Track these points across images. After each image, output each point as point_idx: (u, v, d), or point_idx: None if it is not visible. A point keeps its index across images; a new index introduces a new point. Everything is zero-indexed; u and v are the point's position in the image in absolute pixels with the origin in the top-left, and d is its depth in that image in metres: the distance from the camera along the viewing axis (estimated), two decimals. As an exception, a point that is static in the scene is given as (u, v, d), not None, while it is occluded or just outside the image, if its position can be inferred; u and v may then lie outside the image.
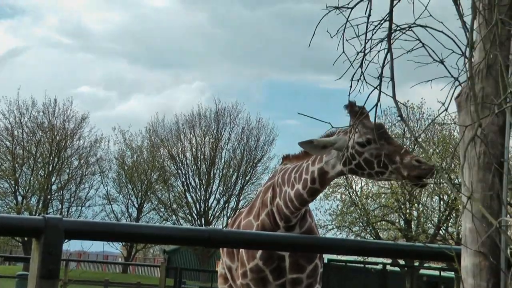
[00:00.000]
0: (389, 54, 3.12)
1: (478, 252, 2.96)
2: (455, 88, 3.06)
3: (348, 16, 3.22)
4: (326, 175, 4.77)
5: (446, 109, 3.05)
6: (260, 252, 5.02)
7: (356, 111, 4.39)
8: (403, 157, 4.32)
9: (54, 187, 43.97)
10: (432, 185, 31.77)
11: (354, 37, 3.22)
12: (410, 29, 3.06)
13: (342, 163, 4.59)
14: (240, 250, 5.19)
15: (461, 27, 2.99)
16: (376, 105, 4.37)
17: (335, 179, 6.26)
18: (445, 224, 32.27)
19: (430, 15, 3.09)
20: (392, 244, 4.09)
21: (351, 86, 3.27)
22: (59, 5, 73.73)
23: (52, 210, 42.97)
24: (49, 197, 43.29)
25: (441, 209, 32.40)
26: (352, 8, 3.24)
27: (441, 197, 32.21)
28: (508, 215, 2.95)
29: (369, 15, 3.15)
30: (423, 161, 4.33)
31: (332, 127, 4.96)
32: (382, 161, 4.37)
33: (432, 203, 33.23)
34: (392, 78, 3.11)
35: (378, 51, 3.15)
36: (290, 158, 5.32)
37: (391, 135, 4.96)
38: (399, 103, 3.18)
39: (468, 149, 2.98)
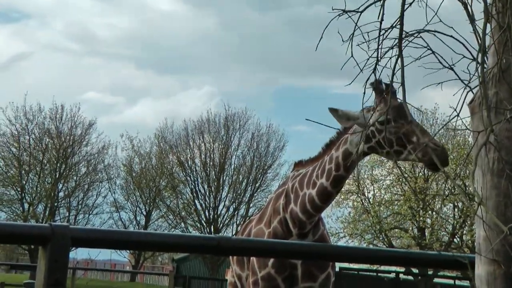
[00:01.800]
0: (399, 60, 3.12)
1: (492, 260, 2.96)
2: (467, 93, 3.07)
3: (357, 21, 3.23)
4: (350, 156, 4.80)
5: (458, 115, 3.05)
6: (272, 260, 5.02)
7: (381, 89, 4.47)
8: (420, 139, 4.38)
9: (61, 194, 44.08)
10: (446, 192, 31.69)
11: (363, 42, 3.23)
12: (419, 35, 3.06)
13: (364, 140, 4.68)
14: (251, 258, 5.20)
15: (472, 32, 2.99)
16: (388, 109, 4.39)
17: (348, 183, 6.23)
18: (459, 232, 32.14)
19: (440, 20, 3.09)
20: (404, 252, 4.08)
21: (364, 92, 3.28)
22: (65, 10, 74.10)
23: (59, 218, 43.07)
24: (56, 204, 43.39)
25: (456, 216, 32.28)
26: (361, 12, 3.24)
27: (456, 204, 32.09)
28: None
29: (382, 20, 3.16)
30: (440, 144, 4.38)
31: (338, 130, 5.01)
32: (400, 140, 4.44)
33: (446, 210, 33.13)
34: (402, 84, 3.12)
35: (390, 58, 3.15)
36: (303, 164, 5.33)
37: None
38: (411, 107, 3.19)
39: (481, 155, 2.98)
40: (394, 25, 3.14)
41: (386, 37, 3.17)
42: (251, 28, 72.23)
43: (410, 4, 3.17)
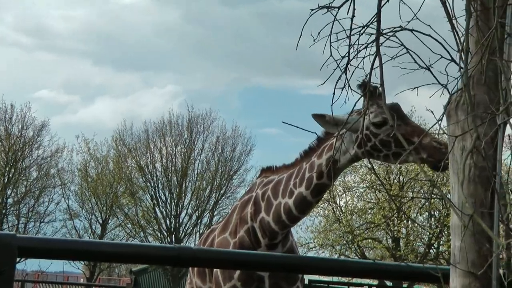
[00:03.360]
0: (377, 59, 3.12)
1: (468, 272, 2.98)
2: (445, 96, 3.09)
3: (335, 18, 3.22)
4: (336, 164, 4.79)
5: (440, 119, 3.07)
6: (238, 272, 5.02)
7: (370, 91, 4.48)
8: (422, 138, 4.41)
9: (9, 200, 43.59)
10: (422, 200, 31.98)
11: (338, 40, 3.23)
12: (394, 34, 3.07)
13: (357, 145, 4.67)
14: (215, 270, 5.18)
15: (450, 30, 3.01)
16: (364, 112, 4.41)
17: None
18: (436, 243, 32.43)
19: (417, 18, 3.11)
20: (375, 264, 4.09)
21: (334, 93, 3.28)
22: (16, 0, 73.09)
23: (7, 226, 42.55)
24: (4, 211, 42.86)
25: (432, 226, 32.56)
26: (339, 8, 3.24)
27: (432, 213, 32.39)
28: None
29: (353, 15, 3.16)
30: (443, 142, 4.43)
31: (318, 136, 4.99)
32: (399, 141, 4.46)
33: (422, 219, 33.41)
34: (382, 84, 3.12)
35: (363, 57, 3.15)
36: (273, 170, 5.31)
37: None
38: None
39: (457, 161, 3.00)
40: (370, 22, 3.15)
41: (362, 34, 3.17)
42: (218, 22, 72.14)
43: (388, 0, 3.17)
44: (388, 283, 30.16)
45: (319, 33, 3.21)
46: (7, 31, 74.61)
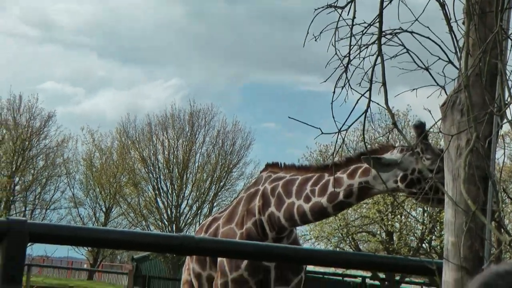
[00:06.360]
0: (379, 58, 3.12)
1: (460, 266, 2.99)
2: (442, 96, 3.10)
3: (340, 16, 3.22)
4: (370, 190, 4.79)
5: (440, 119, 3.08)
6: (245, 262, 5.03)
7: (423, 133, 4.51)
8: None
9: (17, 188, 43.60)
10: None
11: (339, 39, 3.23)
12: (395, 35, 3.08)
13: (405, 185, 4.66)
14: (220, 259, 5.19)
15: (448, 32, 3.02)
16: (366, 111, 4.42)
17: None
18: (428, 237, 32.45)
19: (416, 20, 3.11)
20: (370, 256, 4.11)
21: (334, 92, 3.28)
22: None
23: (15, 212, 42.57)
24: (11, 198, 42.89)
25: (425, 221, 32.58)
26: (343, 8, 3.24)
27: (425, 209, 32.39)
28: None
29: (354, 17, 3.17)
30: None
31: (322, 132, 5.00)
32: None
33: (415, 214, 33.43)
34: (384, 84, 3.12)
35: (363, 58, 3.15)
36: (280, 167, 5.30)
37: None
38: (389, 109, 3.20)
39: (452, 160, 3.01)
40: (373, 22, 3.15)
41: (364, 33, 3.17)
42: (219, 19, 72.08)
43: (390, 1, 3.17)
44: (381, 276, 30.21)
45: (321, 32, 3.22)
46: (14, 23, 74.52)
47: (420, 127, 4.60)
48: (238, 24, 72.95)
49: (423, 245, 32.30)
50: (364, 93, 2.95)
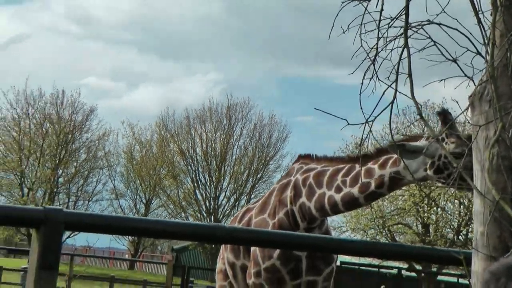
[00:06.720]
0: (405, 50, 3.11)
1: (489, 256, 2.97)
2: (471, 87, 3.08)
3: (365, 9, 3.22)
4: (401, 180, 4.78)
5: (465, 110, 3.06)
6: (277, 252, 5.06)
7: (449, 120, 4.49)
8: None
9: (60, 180, 44.25)
10: (451, 189, 31.65)
11: (366, 32, 3.23)
12: (422, 27, 3.06)
13: (433, 171, 4.63)
14: (253, 248, 5.23)
15: (476, 24, 3.00)
16: (392, 103, 4.40)
17: None
18: (464, 229, 32.13)
19: (444, 11, 3.09)
20: (399, 246, 4.09)
21: (362, 83, 3.28)
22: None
23: (58, 204, 43.21)
24: (55, 190, 43.55)
25: (461, 213, 32.26)
26: (369, 1, 3.23)
27: (461, 201, 32.07)
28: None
29: (382, 9, 3.16)
30: None
31: (348, 123, 4.98)
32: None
33: (451, 207, 33.12)
34: (410, 75, 3.11)
35: (391, 50, 3.14)
36: (312, 158, 5.31)
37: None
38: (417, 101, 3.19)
39: (480, 150, 2.99)
40: (399, 14, 3.14)
41: (391, 26, 3.16)
42: (257, 12, 71.98)
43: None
44: (417, 267, 30.00)
45: (349, 25, 3.22)
46: (58, 20, 75.48)
47: (442, 114, 4.57)
48: (275, 18, 72.81)
49: (460, 237, 32.01)
50: (391, 84, 2.94)
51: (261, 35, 73.68)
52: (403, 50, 3.10)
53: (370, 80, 3.13)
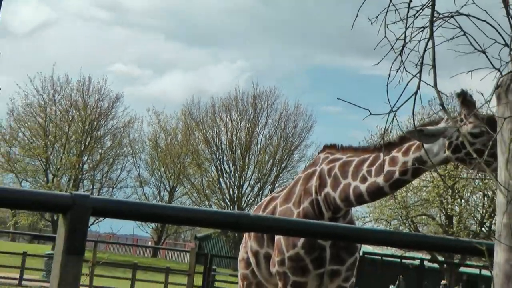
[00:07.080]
0: (430, 41, 3.11)
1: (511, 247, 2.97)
2: (498, 79, 3.06)
3: (390, 1, 3.21)
4: (424, 165, 4.79)
5: (488, 101, 3.05)
6: (301, 240, 5.08)
7: (468, 101, 4.48)
8: None
9: (85, 166, 44.60)
10: (476, 181, 31.44)
11: (395, 22, 3.22)
12: (451, 17, 3.05)
13: (451, 151, 4.64)
14: (277, 237, 5.26)
15: (505, 16, 2.98)
16: (416, 93, 4.39)
17: None
18: (488, 221, 31.94)
19: (474, 2, 3.08)
20: (420, 236, 4.07)
21: (389, 74, 3.27)
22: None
23: (83, 190, 43.56)
24: (80, 176, 43.90)
25: (485, 205, 32.07)
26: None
27: (485, 193, 31.87)
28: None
29: (410, 0, 3.15)
30: None
31: (370, 113, 4.98)
32: (493, 151, 4.43)
33: (475, 198, 32.93)
34: (433, 66, 3.10)
35: (419, 41, 3.14)
36: (338, 149, 5.31)
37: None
38: (441, 92, 3.18)
39: (505, 142, 2.98)
40: (425, 5, 3.13)
41: (417, 17, 3.16)
42: (286, 1, 71.71)
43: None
44: (440, 259, 29.89)
45: (377, 16, 3.21)
46: (86, 6, 75.86)
47: (462, 95, 4.55)
48: (303, 7, 72.54)
49: (483, 229, 31.82)
50: (416, 74, 2.94)
51: (290, 24, 73.50)
52: (428, 41, 3.09)
53: (397, 71, 3.13)
